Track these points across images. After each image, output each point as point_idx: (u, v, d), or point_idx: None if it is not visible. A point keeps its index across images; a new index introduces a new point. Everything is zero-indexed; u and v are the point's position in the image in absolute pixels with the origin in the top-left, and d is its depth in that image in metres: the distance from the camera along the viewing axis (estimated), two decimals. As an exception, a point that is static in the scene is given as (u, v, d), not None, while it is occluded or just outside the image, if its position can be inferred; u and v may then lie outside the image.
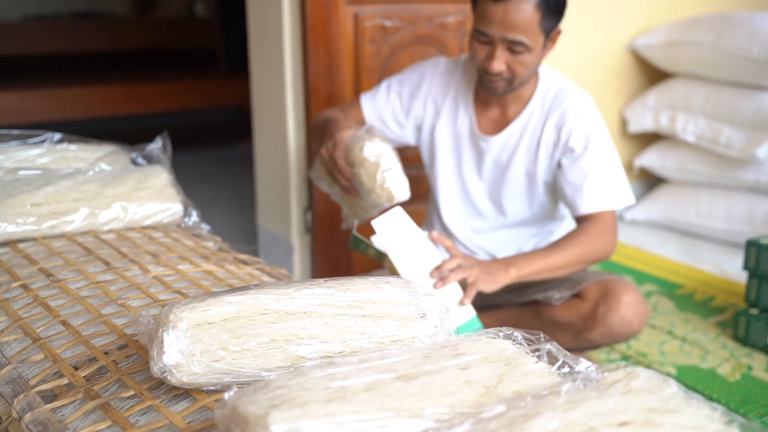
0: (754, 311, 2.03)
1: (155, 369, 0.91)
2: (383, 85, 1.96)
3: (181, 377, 0.91)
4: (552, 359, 0.91)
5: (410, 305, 1.04)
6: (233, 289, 1.01)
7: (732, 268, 2.57)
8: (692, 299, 2.36)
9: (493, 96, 1.82)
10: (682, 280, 2.52)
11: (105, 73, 4.51)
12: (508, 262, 1.70)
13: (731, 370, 1.91)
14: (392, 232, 1.57)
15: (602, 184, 1.77)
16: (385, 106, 1.93)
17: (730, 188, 2.87)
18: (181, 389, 0.95)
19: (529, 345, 0.95)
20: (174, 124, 5.39)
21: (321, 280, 1.05)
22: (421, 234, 1.62)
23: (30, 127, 4.28)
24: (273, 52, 2.38)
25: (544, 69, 1.88)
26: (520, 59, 1.69)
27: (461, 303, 1.61)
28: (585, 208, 1.76)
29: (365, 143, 1.58)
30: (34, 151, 1.83)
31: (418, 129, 1.95)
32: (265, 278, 1.46)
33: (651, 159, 3.06)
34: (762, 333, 1.98)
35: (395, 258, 1.57)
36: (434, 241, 1.66)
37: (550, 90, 1.84)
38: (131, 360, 1.07)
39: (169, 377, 0.91)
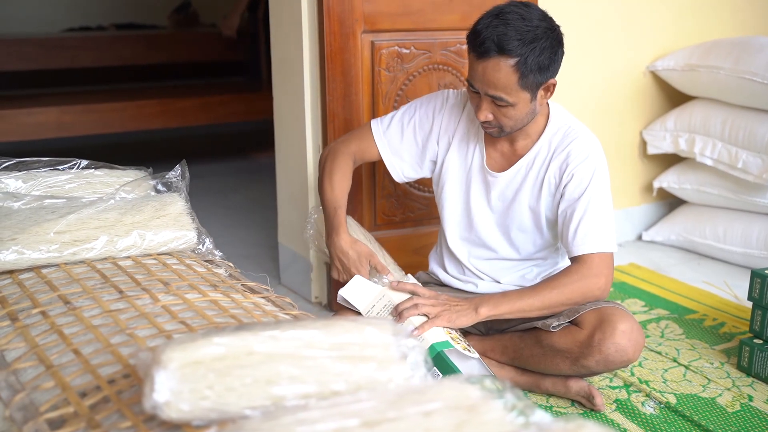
0: (758, 341, 2.05)
1: (147, 405, 0.99)
2: (395, 121, 2.03)
3: (170, 413, 0.98)
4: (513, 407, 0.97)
5: (390, 347, 1.11)
6: (225, 329, 1.09)
7: (744, 294, 2.58)
8: (701, 325, 2.38)
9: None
10: (693, 305, 2.54)
11: (142, 87, 4.66)
12: (480, 301, 1.82)
13: (731, 400, 1.94)
14: (358, 296, 1.85)
15: (593, 228, 1.82)
16: (401, 144, 2.03)
17: (747, 212, 2.88)
18: (172, 423, 1.04)
19: (498, 391, 1.01)
20: (208, 133, 5.53)
21: (308, 321, 1.12)
22: (383, 289, 1.87)
23: (68, 141, 4.43)
24: (294, 79, 2.47)
25: (555, 108, 1.94)
26: (504, 112, 1.78)
27: (412, 334, 1.75)
28: (575, 251, 1.83)
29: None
30: (63, 177, 1.93)
31: (433, 162, 2.04)
32: (269, 308, 1.54)
33: (670, 180, 3.08)
34: (765, 363, 2.00)
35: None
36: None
37: (559, 131, 1.90)
38: (133, 390, 1.16)
39: (159, 412, 0.99)
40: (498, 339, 1.99)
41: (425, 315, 1.79)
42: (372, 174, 2.47)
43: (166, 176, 1.95)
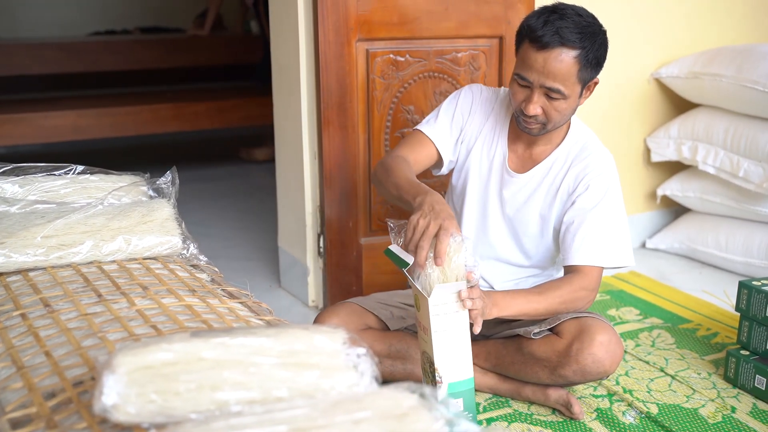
0: (744, 352, 2.04)
1: (96, 407, 1.03)
2: (441, 114, 2.00)
3: (118, 416, 1.02)
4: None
5: (338, 356, 1.14)
6: (179, 335, 1.12)
7: (743, 304, 2.56)
8: (694, 335, 2.37)
9: (528, 135, 1.92)
10: (689, 314, 2.53)
11: (158, 91, 4.75)
12: (495, 300, 1.74)
13: (714, 411, 1.93)
14: (442, 303, 1.63)
15: (600, 241, 1.84)
16: (450, 134, 2.00)
17: (750, 221, 2.86)
18: (124, 425, 1.08)
19: (435, 401, 1.04)
20: (229, 135, 5.61)
21: (260, 329, 1.16)
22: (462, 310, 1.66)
23: (84, 143, 4.51)
24: (291, 86, 2.51)
25: (576, 121, 1.97)
26: (556, 105, 1.79)
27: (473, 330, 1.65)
28: (576, 260, 1.84)
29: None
30: (58, 182, 1.99)
31: (458, 151, 2.03)
32: (243, 313, 1.57)
33: (673, 188, 3.07)
34: (750, 375, 1.99)
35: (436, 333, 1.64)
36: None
37: (578, 143, 1.94)
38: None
39: (107, 415, 1.03)
40: (482, 345, 2.01)
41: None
42: (367, 180, 2.50)
43: (157, 182, 2.00)
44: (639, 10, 3.00)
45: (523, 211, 1.96)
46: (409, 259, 1.65)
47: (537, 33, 1.74)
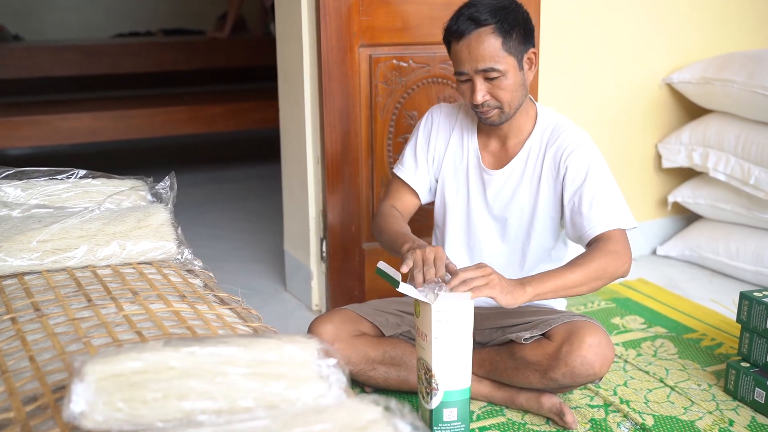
0: (744, 365, 2.01)
1: (65, 414, 1.05)
2: (407, 152, 2.08)
3: (86, 424, 1.04)
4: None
5: (308, 366, 1.14)
6: (153, 343, 1.14)
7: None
8: (698, 345, 2.34)
9: (494, 127, 1.94)
10: (694, 323, 2.49)
11: (175, 93, 4.80)
12: (524, 281, 1.73)
13: (711, 423, 1.90)
14: (445, 310, 1.67)
15: (608, 205, 1.85)
16: (416, 169, 2.06)
17: (762, 230, 2.81)
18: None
19: (399, 413, 1.04)
20: (248, 137, 5.64)
21: (232, 338, 1.16)
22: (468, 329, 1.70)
23: (105, 145, 4.56)
24: (295, 92, 2.52)
25: (542, 108, 1.99)
26: (498, 84, 1.82)
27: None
28: (596, 230, 1.83)
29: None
30: (60, 186, 2.02)
31: (434, 171, 2.08)
32: (231, 319, 1.58)
33: (684, 195, 3.03)
34: (750, 387, 1.96)
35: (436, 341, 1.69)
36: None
37: (548, 127, 1.96)
38: (72, 398, 1.22)
39: (76, 422, 1.04)
40: (477, 352, 2.00)
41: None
42: (370, 185, 2.50)
43: (156, 187, 2.02)
44: (651, 14, 2.97)
45: (511, 206, 1.97)
46: (398, 276, 1.68)
47: (453, 27, 1.83)
